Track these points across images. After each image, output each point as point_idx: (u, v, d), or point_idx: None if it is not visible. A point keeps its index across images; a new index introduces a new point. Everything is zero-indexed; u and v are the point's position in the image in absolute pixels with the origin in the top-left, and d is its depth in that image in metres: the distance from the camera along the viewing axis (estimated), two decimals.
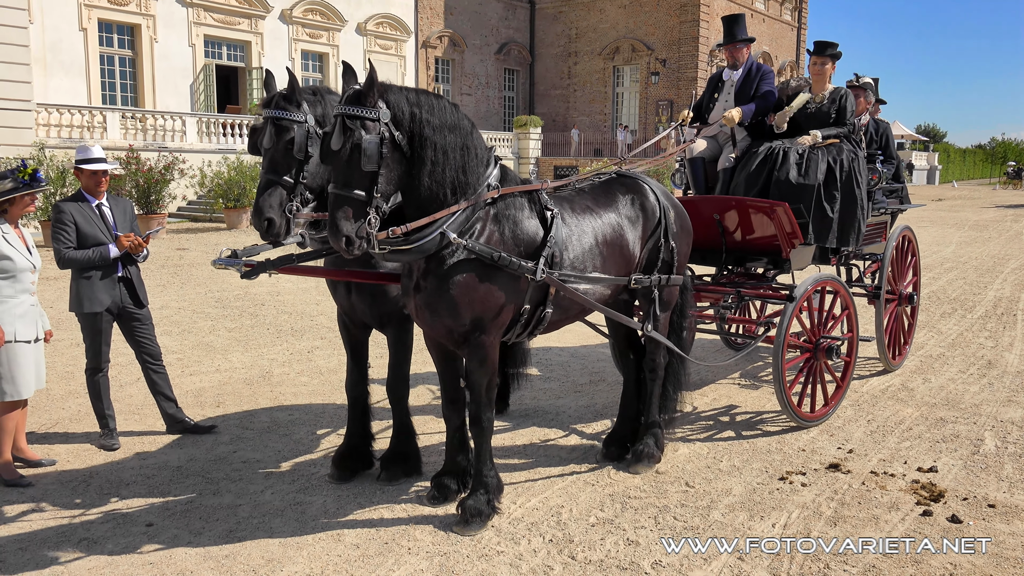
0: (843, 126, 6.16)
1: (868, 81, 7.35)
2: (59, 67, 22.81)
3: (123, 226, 5.48)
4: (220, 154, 21.57)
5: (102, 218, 5.37)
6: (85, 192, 5.38)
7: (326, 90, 4.52)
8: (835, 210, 5.95)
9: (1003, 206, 30.62)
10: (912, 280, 7.78)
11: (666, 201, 5.09)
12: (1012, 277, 13.38)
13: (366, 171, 3.69)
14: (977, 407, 6.44)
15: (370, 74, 3.72)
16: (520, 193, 4.34)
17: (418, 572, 3.89)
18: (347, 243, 3.68)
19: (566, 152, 35.86)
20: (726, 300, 6.22)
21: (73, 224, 5.22)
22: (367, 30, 31.72)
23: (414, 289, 4.19)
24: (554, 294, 4.38)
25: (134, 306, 5.51)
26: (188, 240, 17.00)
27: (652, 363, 5.23)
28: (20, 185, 4.84)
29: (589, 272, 4.54)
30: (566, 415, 6.28)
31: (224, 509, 4.56)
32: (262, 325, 9.43)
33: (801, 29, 43.44)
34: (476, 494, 4.36)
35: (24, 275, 4.87)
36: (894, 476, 5.05)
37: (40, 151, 17.74)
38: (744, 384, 7.17)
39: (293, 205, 4.19)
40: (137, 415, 6.17)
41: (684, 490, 4.84)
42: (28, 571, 3.89)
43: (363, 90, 3.73)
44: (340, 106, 3.74)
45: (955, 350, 8.34)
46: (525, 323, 4.41)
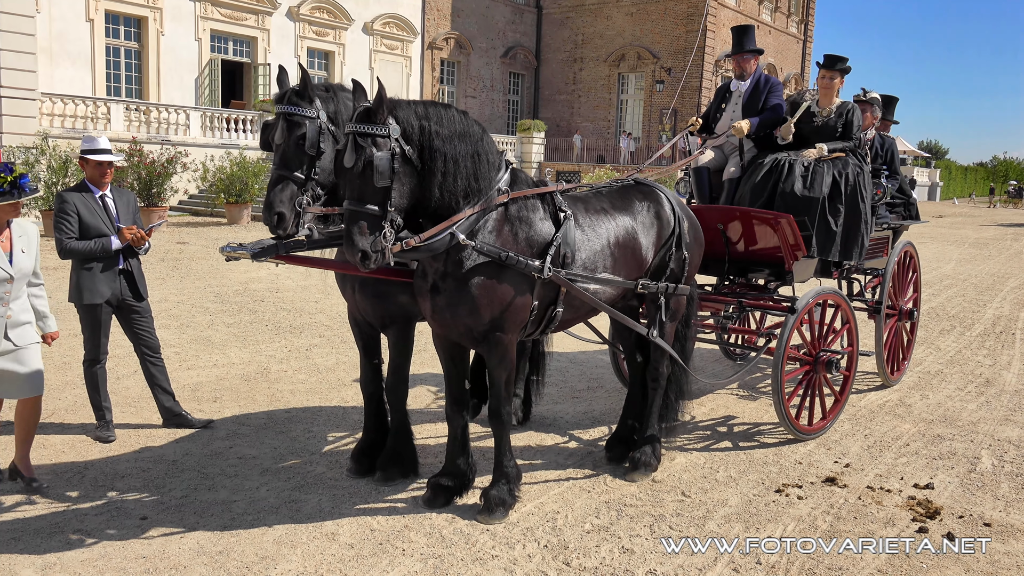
0: (849, 140, 6.17)
1: (875, 96, 7.36)
2: (65, 57, 22.80)
3: (126, 218, 5.47)
4: (223, 149, 21.58)
5: (105, 209, 5.36)
6: (89, 183, 5.37)
7: (339, 87, 4.53)
8: (839, 223, 5.95)
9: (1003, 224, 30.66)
10: (913, 296, 7.78)
11: (681, 211, 5.17)
12: (1011, 296, 13.39)
13: (379, 187, 3.79)
14: (974, 425, 6.44)
15: (379, 91, 3.82)
16: (534, 195, 4.40)
17: (412, 574, 3.88)
18: (363, 257, 3.79)
19: (569, 157, 35.88)
20: (727, 310, 6.22)
21: (76, 214, 5.21)
22: (374, 30, 31.74)
23: (431, 291, 4.26)
24: (564, 293, 4.45)
25: (134, 299, 5.50)
26: (188, 234, 16.98)
27: (655, 372, 5.25)
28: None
29: (599, 273, 4.61)
30: (563, 420, 6.27)
31: (219, 505, 4.54)
32: (261, 321, 9.42)
33: (807, 42, 43.53)
34: (498, 484, 4.49)
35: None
36: (890, 492, 5.05)
37: (43, 140, 17.74)
38: (742, 395, 7.16)
39: (304, 200, 4.19)
40: (134, 408, 6.16)
41: (680, 499, 4.83)
42: (21, 562, 3.87)
43: (373, 107, 3.83)
44: (351, 124, 3.84)
45: (953, 367, 8.34)
46: (536, 320, 4.49)
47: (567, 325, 4.82)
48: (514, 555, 4.08)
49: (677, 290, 5.12)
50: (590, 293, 4.56)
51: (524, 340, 5.09)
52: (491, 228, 4.19)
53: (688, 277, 5.24)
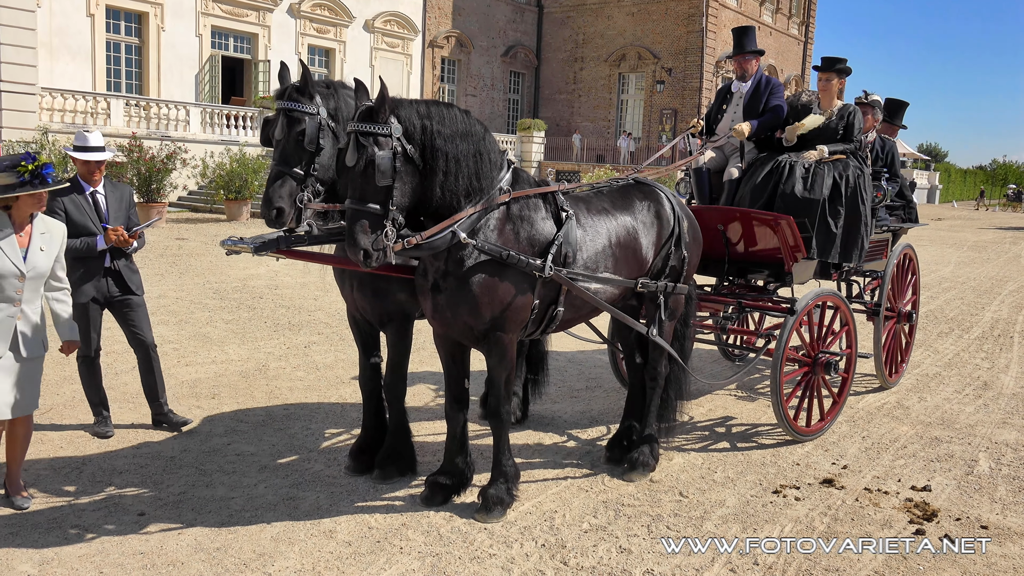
0: (850, 142, 6.17)
1: (877, 99, 7.37)
2: (65, 52, 22.75)
3: (117, 215, 5.39)
4: (223, 145, 21.54)
5: (95, 207, 5.29)
6: (80, 179, 5.33)
7: (340, 84, 4.53)
8: (839, 225, 5.96)
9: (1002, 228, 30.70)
10: (911, 298, 7.79)
11: (680, 211, 5.18)
12: (1010, 299, 13.41)
13: (381, 185, 3.80)
14: (972, 428, 6.44)
15: (382, 90, 3.82)
16: (535, 194, 4.41)
17: (410, 572, 3.88)
18: (365, 256, 3.80)
19: (568, 157, 35.88)
20: (727, 311, 6.22)
21: (64, 212, 5.12)
22: (375, 27, 31.71)
23: (432, 289, 4.26)
24: (565, 292, 4.46)
25: (123, 294, 5.42)
26: (187, 230, 16.97)
27: (654, 371, 5.26)
28: (18, 183, 4.08)
29: (600, 272, 4.62)
30: (562, 420, 6.27)
31: (217, 501, 4.54)
32: (259, 318, 9.41)
33: (808, 44, 43.55)
34: (496, 483, 4.49)
35: (4, 282, 4.12)
36: (888, 494, 5.05)
37: (43, 135, 17.71)
38: (740, 395, 7.17)
39: (303, 196, 4.19)
40: (132, 403, 6.15)
41: (678, 500, 4.84)
42: (19, 556, 3.87)
43: (375, 106, 3.84)
44: (353, 123, 3.85)
45: (951, 370, 8.35)
46: (537, 320, 4.49)
47: (568, 325, 4.82)
48: (512, 554, 4.08)
49: (676, 289, 5.13)
50: (591, 292, 4.57)
51: (523, 339, 5.09)
52: (493, 227, 4.20)
53: (687, 276, 5.25)
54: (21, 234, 4.21)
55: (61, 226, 4.46)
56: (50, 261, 4.31)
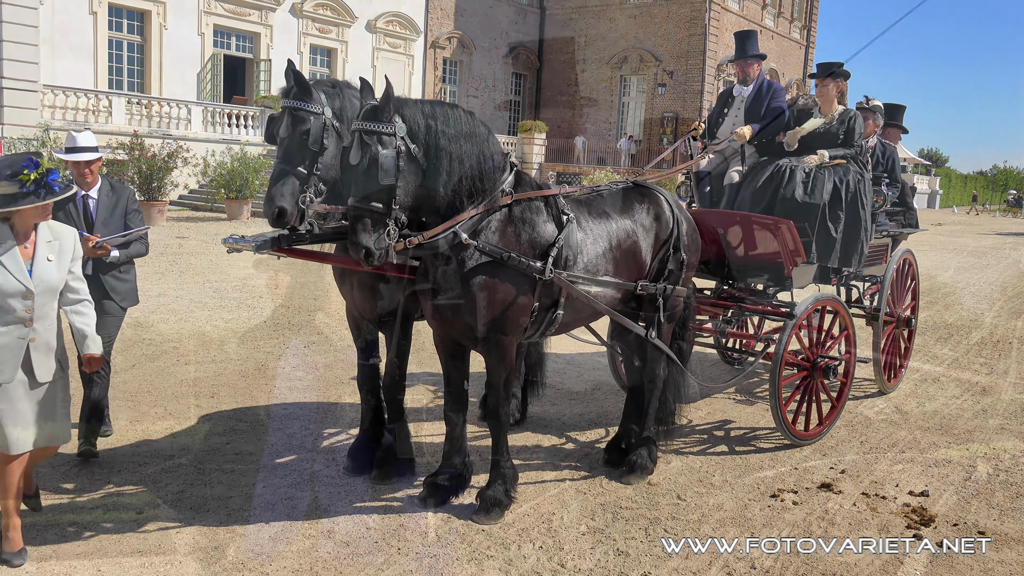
0: (850, 147, 6.18)
1: (878, 104, 7.38)
2: (67, 49, 22.74)
3: (107, 221, 5.10)
4: (224, 144, 21.56)
5: (83, 211, 5.05)
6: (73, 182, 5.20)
7: (345, 84, 4.55)
8: (839, 230, 5.97)
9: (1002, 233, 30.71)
10: (911, 304, 7.80)
11: (679, 213, 5.20)
12: (1009, 305, 13.42)
13: (384, 184, 3.81)
14: (970, 433, 6.45)
15: (386, 89, 3.84)
16: (537, 197, 4.42)
17: (407, 573, 3.88)
18: (367, 255, 3.81)
19: (569, 159, 35.88)
20: (726, 315, 6.22)
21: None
22: (377, 27, 31.71)
23: (432, 289, 4.28)
24: (565, 295, 4.46)
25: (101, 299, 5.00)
26: (188, 229, 16.97)
27: (652, 373, 5.26)
28: (21, 194, 3.62)
29: (601, 275, 4.63)
30: (560, 422, 6.28)
31: (215, 500, 4.55)
32: (259, 318, 9.41)
33: (809, 48, 43.57)
34: (495, 484, 4.49)
35: (12, 301, 3.65)
36: (885, 499, 5.06)
37: (45, 132, 17.72)
38: (739, 399, 7.17)
39: (306, 196, 4.19)
40: (131, 402, 6.16)
41: (675, 503, 4.84)
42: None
43: (379, 105, 3.85)
44: (357, 121, 3.86)
45: (950, 375, 8.36)
46: (537, 322, 4.50)
47: (567, 328, 4.83)
48: (509, 555, 4.09)
49: (675, 291, 5.14)
50: (591, 295, 4.57)
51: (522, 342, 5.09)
52: (494, 228, 4.21)
53: (686, 279, 5.26)
54: (25, 245, 3.73)
55: (71, 231, 3.96)
56: (62, 272, 3.81)
